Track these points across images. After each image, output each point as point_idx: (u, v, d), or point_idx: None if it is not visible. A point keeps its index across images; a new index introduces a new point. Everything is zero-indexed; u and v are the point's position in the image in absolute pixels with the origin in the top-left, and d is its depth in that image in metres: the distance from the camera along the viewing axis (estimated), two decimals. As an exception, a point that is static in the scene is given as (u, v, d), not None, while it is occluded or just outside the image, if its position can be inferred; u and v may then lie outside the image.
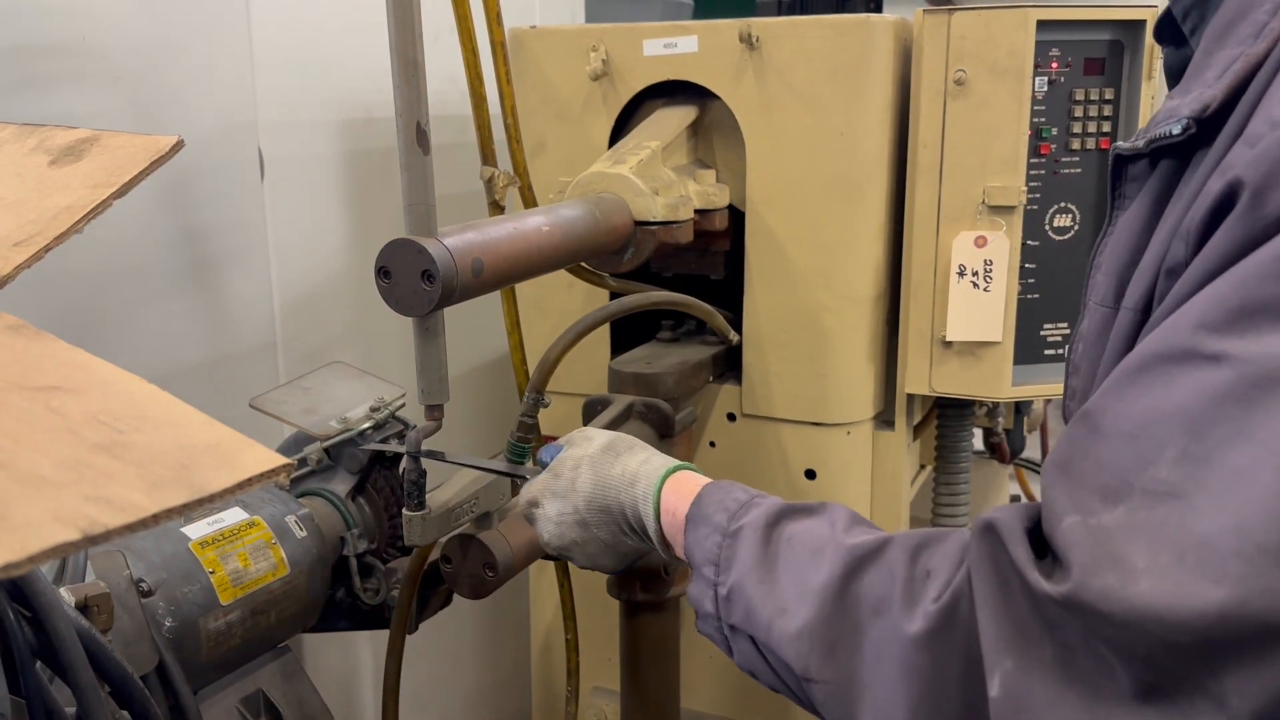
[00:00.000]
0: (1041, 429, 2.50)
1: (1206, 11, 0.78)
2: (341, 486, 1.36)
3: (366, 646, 1.86)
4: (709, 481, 0.99)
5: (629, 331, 1.70)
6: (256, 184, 1.58)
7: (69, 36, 1.29)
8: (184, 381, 1.48)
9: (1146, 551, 0.61)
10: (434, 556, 1.30)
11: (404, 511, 1.15)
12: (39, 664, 0.83)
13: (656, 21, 1.61)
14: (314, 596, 1.27)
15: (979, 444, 2.12)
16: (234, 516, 1.21)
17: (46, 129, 0.82)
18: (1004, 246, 1.45)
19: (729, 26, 1.51)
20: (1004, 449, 2.18)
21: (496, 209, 1.49)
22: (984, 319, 1.48)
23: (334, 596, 1.34)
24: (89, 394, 0.54)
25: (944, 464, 1.79)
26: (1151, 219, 0.76)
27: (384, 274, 1.04)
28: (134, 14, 1.37)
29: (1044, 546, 0.70)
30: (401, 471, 1.36)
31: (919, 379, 1.55)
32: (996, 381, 1.51)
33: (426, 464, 1.14)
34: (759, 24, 1.50)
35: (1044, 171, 1.47)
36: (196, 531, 1.16)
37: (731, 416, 1.64)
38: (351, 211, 1.76)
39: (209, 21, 1.48)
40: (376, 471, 1.38)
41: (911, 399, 1.63)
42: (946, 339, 1.51)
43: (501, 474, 1.20)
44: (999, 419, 2.08)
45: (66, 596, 0.90)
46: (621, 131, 1.62)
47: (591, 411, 1.46)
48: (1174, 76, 0.85)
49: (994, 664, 0.68)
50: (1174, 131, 0.73)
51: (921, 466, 1.92)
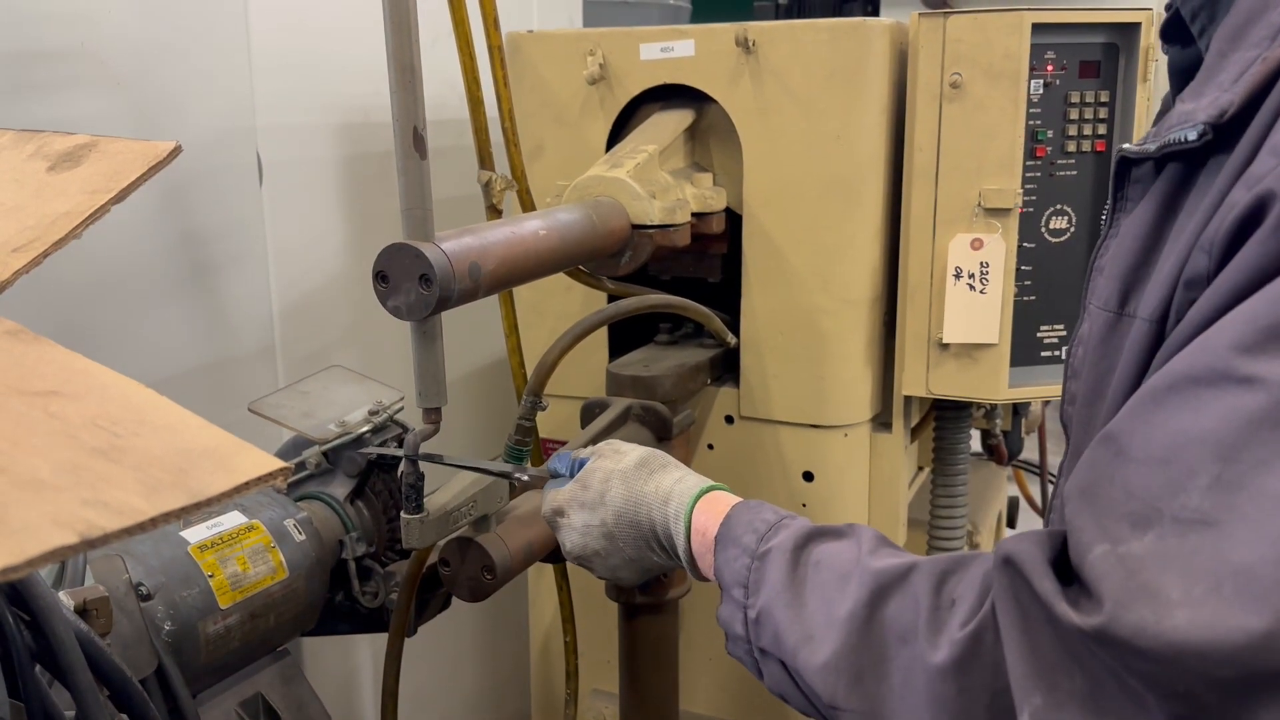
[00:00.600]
0: (1039, 430, 2.50)
1: (1217, 12, 0.76)
2: (340, 490, 1.36)
3: (366, 649, 1.87)
4: (739, 501, 0.98)
5: (627, 334, 1.71)
6: (255, 188, 1.58)
7: (68, 42, 1.30)
8: (183, 386, 1.48)
9: (1180, 582, 0.59)
10: (432, 559, 1.30)
11: (402, 515, 1.16)
12: (38, 667, 0.83)
13: (654, 26, 1.61)
14: (313, 600, 1.27)
15: (977, 446, 2.12)
16: (233, 520, 1.21)
17: (45, 135, 0.82)
18: (1000, 249, 1.46)
19: (725, 30, 1.52)
20: (1002, 451, 2.18)
21: (494, 213, 1.49)
22: (980, 321, 1.48)
23: (333, 600, 1.35)
24: (87, 398, 0.55)
25: (942, 466, 1.79)
26: (1158, 223, 0.75)
27: (381, 278, 1.04)
28: (133, 19, 1.37)
29: (1068, 574, 0.68)
30: (400, 475, 1.37)
31: (916, 381, 1.55)
32: (993, 383, 1.51)
33: (425, 467, 1.15)
34: (755, 28, 1.50)
35: (1040, 174, 1.47)
36: (195, 535, 1.16)
37: (729, 419, 1.65)
38: (350, 215, 1.76)
39: (207, 26, 1.48)
40: (375, 475, 1.39)
41: (909, 401, 1.63)
42: (943, 341, 1.51)
43: (500, 475, 1.21)
44: (997, 421, 2.08)
45: (65, 600, 0.90)
46: (619, 135, 1.63)
47: (590, 414, 1.46)
48: (1179, 76, 0.83)
49: (1023, 699, 0.67)
50: (1189, 138, 0.70)
51: (919, 468, 1.92)
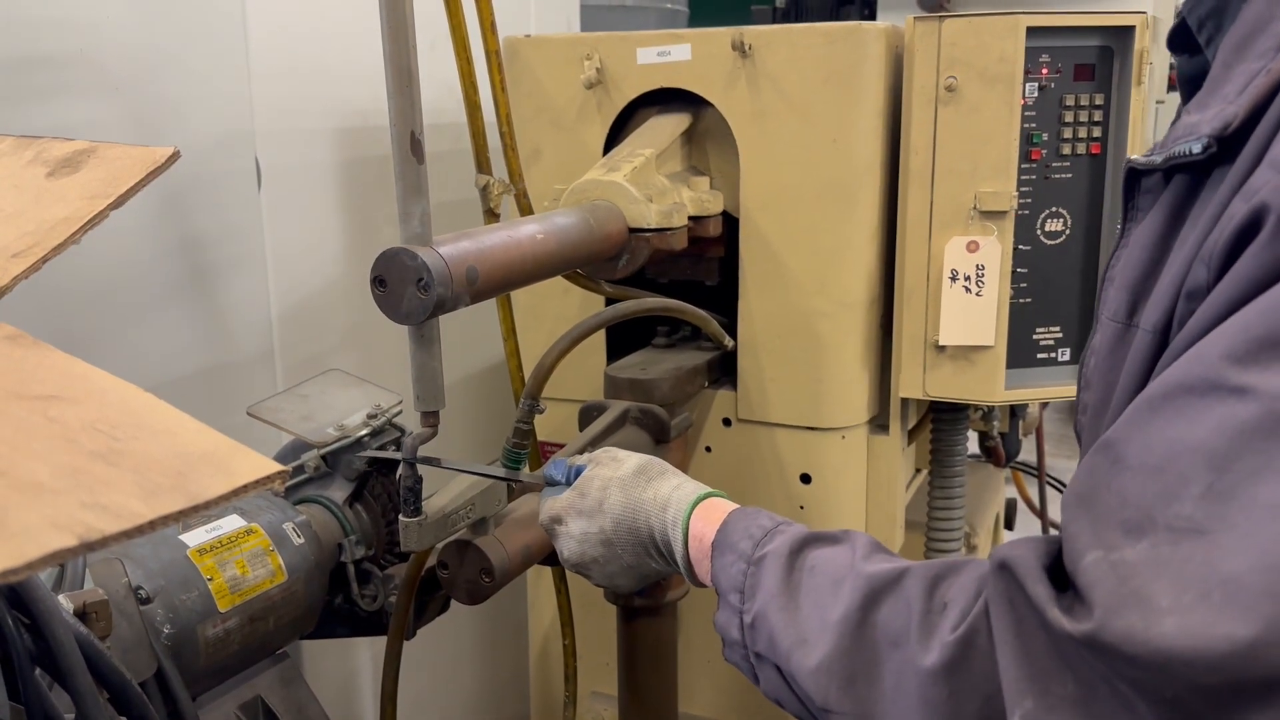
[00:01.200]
0: (1037, 432, 2.51)
1: (1223, 21, 0.76)
2: (339, 493, 1.37)
3: (365, 652, 1.87)
4: (735, 508, 0.99)
5: (624, 337, 1.71)
6: (254, 193, 1.59)
7: (67, 48, 1.30)
8: (182, 390, 1.49)
9: (1170, 590, 0.60)
10: (431, 562, 1.30)
11: (400, 517, 1.16)
12: (38, 670, 0.83)
13: (651, 30, 1.62)
14: (312, 603, 1.28)
15: (975, 448, 2.13)
16: (232, 524, 1.21)
17: (44, 141, 0.83)
18: (996, 251, 1.46)
19: (722, 35, 1.52)
20: (999, 452, 2.19)
21: (492, 217, 1.50)
22: (976, 323, 1.49)
23: (332, 603, 1.35)
24: (86, 403, 0.55)
25: (939, 468, 1.80)
26: (1166, 233, 0.75)
27: (379, 283, 1.05)
28: (131, 25, 1.37)
29: (1063, 580, 0.68)
30: (398, 478, 1.37)
31: (913, 383, 1.56)
32: (989, 385, 1.52)
33: (423, 470, 1.15)
34: (751, 32, 1.51)
35: (1035, 177, 1.48)
36: (195, 539, 1.16)
37: (727, 421, 1.65)
38: (349, 219, 1.77)
39: (205, 32, 1.49)
40: (374, 478, 1.39)
41: (906, 403, 1.63)
42: (940, 343, 1.51)
43: (497, 479, 1.21)
44: (994, 423, 2.09)
45: (65, 603, 0.90)
46: (616, 139, 1.63)
47: (588, 417, 1.47)
48: (1187, 85, 0.84)
49: (1014, 703, 0.67)
50: (1194, 150, 0.71)
51: (917, 470, 1.92)
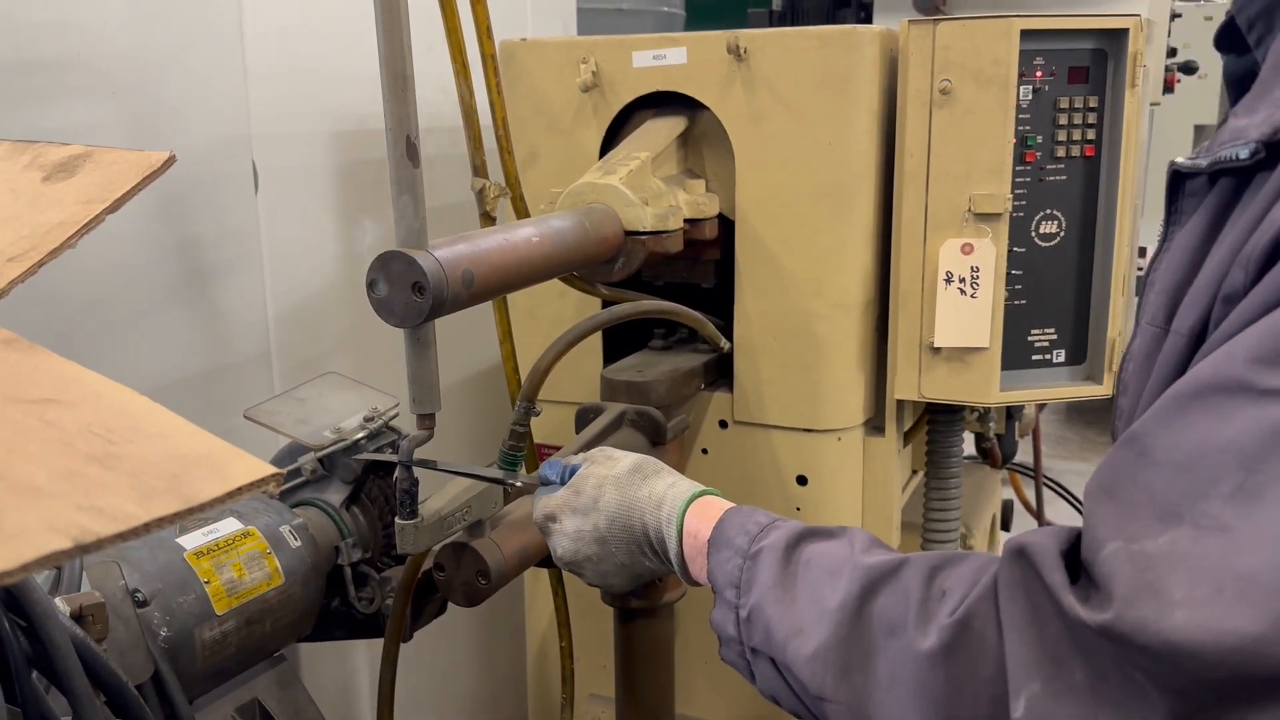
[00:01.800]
0: (1033, 434, 2.51)
1: (1274, 21, 0.76)
2: (336, 496, 1.37)
3: (362, 655, 1.87)
4: (731, 506, 0.99)
5: (621, 340, 1.72)
6: (250, 196, 1.59)
7: (63, 52, 1.30)
8: (179, 392, 1.49)
9: (1185, 583, 0.60)
10: (428, 565, 1.31)
11: (396, 520, 1.16)
12: (35, 673, 0.84)
13: (647, 33, 1.62)
14: (309, 606, 1.28)
15: (971, 449, 2.13)
16: (229, 527, 1.21)
17: (40, 145, 0.83)
18: (990, 253, 1.47)
19: (717, 38, 1.53)
20: (996, 454, 2.19)
21: (488, 220, 1.50)
22: (972, 325, 1.49)
23: (329, 606, 1.35)
24: (82, 406, 0.55)
25: (935, 469, 1.80)
26: (1208, 238, 0.74)
27: (374, 286, 1.05)
28: (128, 28, 1.38)
29: (1076, 570, 0.69)
30: (394, 480, 1.37)
31: (908, 385, 1.56)
32: (985, 387, 1.52)
33: (419, 473, 1.15)
34: (746, 35, 1.51)
35: (1029, 179, 1.48)
36: (191, 542, 1.16)
37: (723, 423, 1.66)
38: (345, 223, 1.77)
39: (202, 35, 1.49)
40: (370, 481, 1.39)
41: (902, 405, 1.64)
42: (935, 345, 1.52)
43: (493, 481, 1.21)
44: (990, 424, 2.09)
45: (62, 606, 0.90)
46: (612, 142, 1.63)
47: (584, 419, 1.47)
48: (1234, 85, 0.83)
49: (1020, 685, 0.67)
50: (1241, 155, 0.70)
51: (913, 472, 1.93)
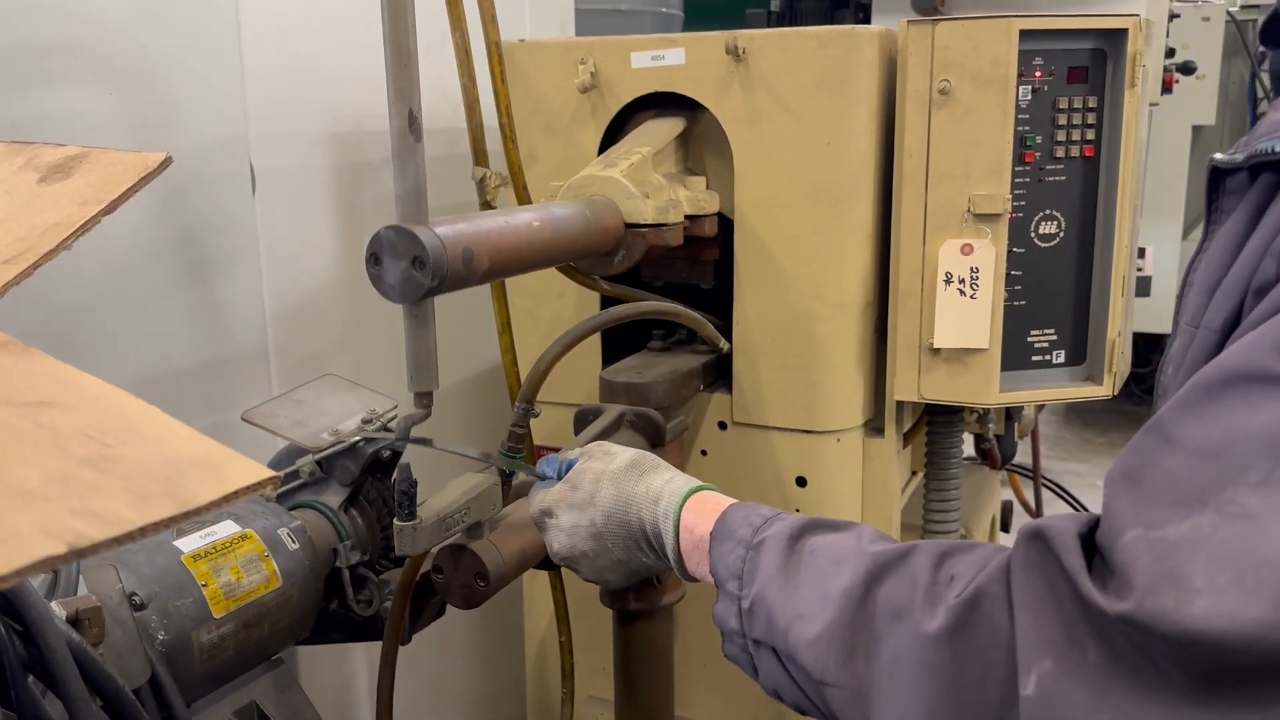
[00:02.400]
0: (1033, 435, 2.51)
1: None
2: (334, 498, 1.36)
3: (361, 657, 1.87)
4: (734, 502, 0.99)
5: (620, 341, 1.71)
6: (248, 197, 1.58)
7: (60, 51, 1.30)
8: (177, 392, 1.49)
9: (1207, 570, 0.60)
10: (426, 567, 1.30)
11: (395, 521, 1.16)
12: (30, 678, 0.83)
13: (646, 34, 1.62)
14: (307, 608, 1.27)
15: (970, 450, 2.13)
16: (226, 529, 1.21)
17: (35, 147, 0.83)
18: (990, 254, 1.46)
19: (716, 39, 1.52)
20: (995, 455, 2.19)
21: (488, 210, 1.49)
22: (971, 326, 1.49)
23: (327, 608, 1.35)
24: (77, 409, 0.55)
25: (934, 471, 1.80)
26: (1247, 234, 0.74)
27: (375, 261, 1.04)
28: (124, 28, 1.37)
29: (1094, 555, 0.68)
30: (393, 482, 1.37)
31: (908, 386, 1.56)
32: (984, 388, 1.52)
33: (418, 473, 1.15)
34: (745, 36, 1.51)
35: (1029, 179, 1.48)
36: (189, 545, 1.16)
37: (723, 425, 1.65)
38: (342, 223, 1.77)
39: (200, 35, 1.49)
40: (369, 483, 1.39)
41: (901, 406, 1.63)
42: (934, 346, 1.51)
43: (490, 462, 1.21)
44: (989, 425, 2.09)
45: (58, 610, 0.90)
46: (610, 143, 1.63)
47: (583, 421, 1.47)
48: (1279, 81, 0.83)
49: (1030, 663, 0.67)
50: (1277, 149, 0.70)
51: (913, 473, 1.93)
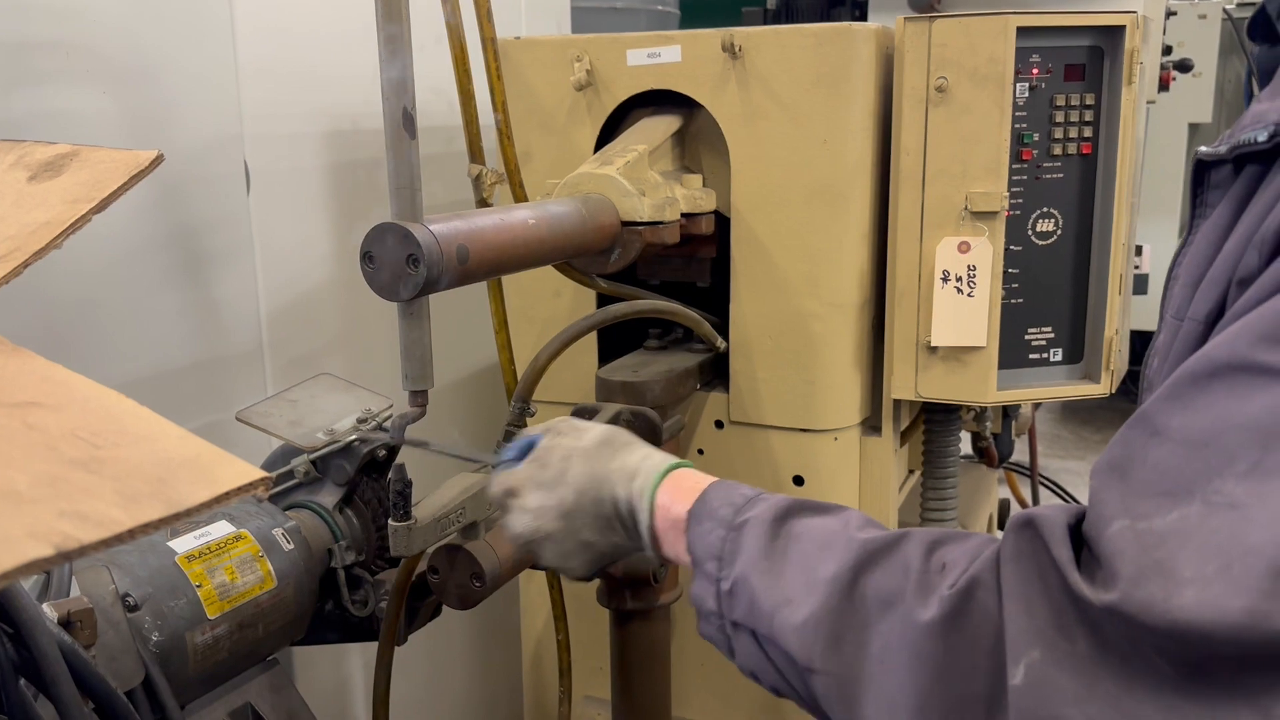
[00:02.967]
0: (1030, 433, 2.51)
1: None
2: (329, 499, 1.36)
3: (357, 658, 1.86)
4: (713, 480, 0.97)
5: (616, 339, 1.71)
6: (243, 196, 1.58)
7: (55, 49, 1.29)
8: (172, 390, 1.48)
9: (1194, 560, 0.60)
10: (422, 567, 1.30)
11: (390, 522, 1.15)
12: (22, 680, 0.83)
13: (641, 31, 1.61)
14: (302, 609, 1.27)
15: (967, 448, 2.13)
16: (220, 530, 1.20)
17: (26, 144, 0.82)
18: (987, 252, 1.46)
19: (712, 36, 1.52)
20: (992, 453, 2.19)
21: (484, 207, 1.49)
22: (968, 324, 1.48)
23: (322, 609, 1.34)
24: (67, 410, 0.54)
25: (932, 469, 1.80)
26: (1231, 227, 0.73)
27: (369, 258, 1.03)
28: (119, 27, 1.37)
29: (1080, 545, 0.68)
30: (388, 482, 1.36)
31: (905, 384, 1.56)
32: (982, 386, 1.51)
33: (413, 473, 1.14)
34: (741, 33, 1.50)
35: (1026, 177, 1.47)
36: (183, 545, 1.15)
37: (719, 424, 1.65)
38: (337, 222, 1.76)
39: (195, 34, 1.48)
40: (364, 483, 1.38)
41: (898, 404, 1.63)
42: (932, 344, 1.51)
43: (483, 463, 1.20)
44: (987, 423, 2.09)
45: (49, 612, 0.89)
46: (606, 141, 1.62)
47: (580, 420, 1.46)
48: (1265, 75, 0.83)
49: (1019, 653, 0.67)
50: (1259, 139, 0.70)
51: (910, 471, 1.92)
